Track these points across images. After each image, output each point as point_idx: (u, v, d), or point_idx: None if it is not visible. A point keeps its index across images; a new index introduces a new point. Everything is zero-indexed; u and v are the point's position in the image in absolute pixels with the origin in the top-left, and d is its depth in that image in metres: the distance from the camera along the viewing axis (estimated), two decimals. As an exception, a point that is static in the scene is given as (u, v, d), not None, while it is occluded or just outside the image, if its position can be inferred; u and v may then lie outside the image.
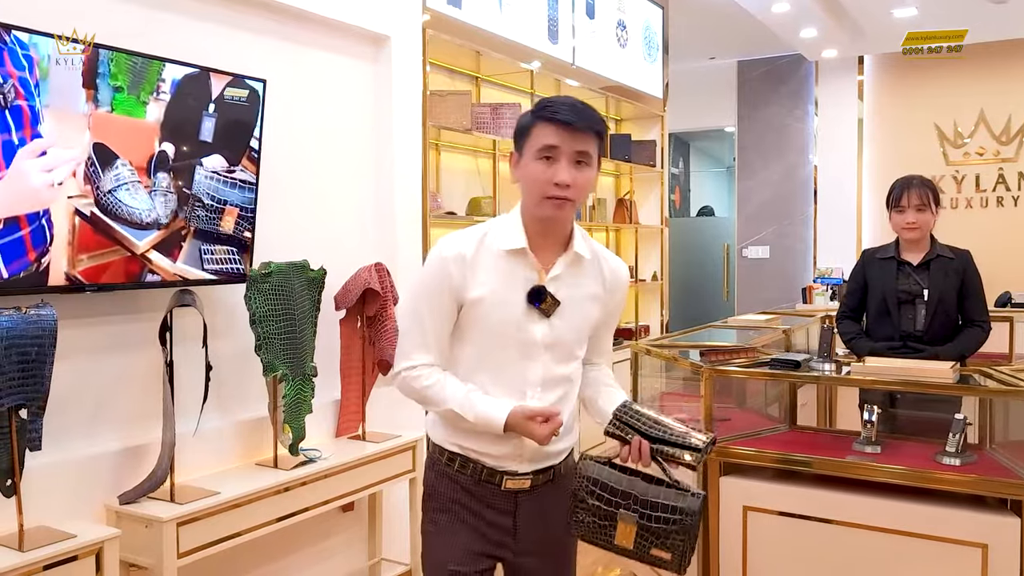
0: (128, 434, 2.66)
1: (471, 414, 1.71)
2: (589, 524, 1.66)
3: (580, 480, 1.68)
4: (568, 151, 1.66)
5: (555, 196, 1.66)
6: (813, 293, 6.55)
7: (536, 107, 1.73)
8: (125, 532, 2.41)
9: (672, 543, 1.61)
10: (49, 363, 2.17)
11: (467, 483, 1.79)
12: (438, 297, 1.72)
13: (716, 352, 3.17)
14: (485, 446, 1.76)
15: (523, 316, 1.71)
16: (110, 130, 2.33)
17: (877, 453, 2.70)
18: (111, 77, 2.31)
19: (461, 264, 1.70)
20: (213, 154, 2.66)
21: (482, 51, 4.49)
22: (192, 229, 2.62)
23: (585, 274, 1.79)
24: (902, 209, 3.27)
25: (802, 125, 8.39)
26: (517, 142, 1.74)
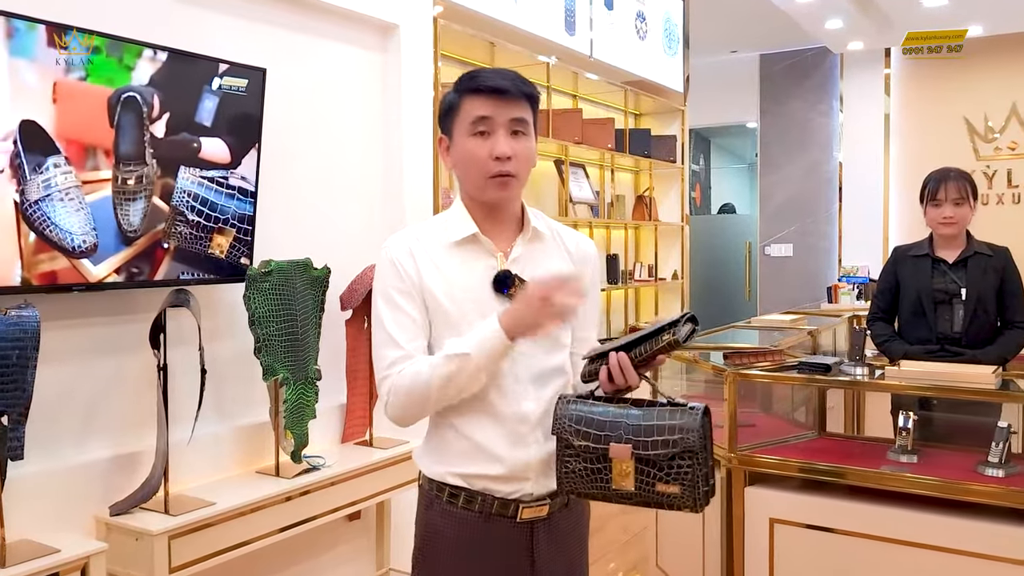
0: (120, 441, 2.55)
1: (467, 348, 1.46)
2: (580, 472, 1.45)
3: (560, 421, 1.47)
4: (503, 120, 1.51)
5: (498, 173, 1.51)
6: (839, 292, 6.35)
7: (460, 81, 1.56)
8: (115, 545, 2.30)
9: (679, 472, 1.39)
10: (32, 367, 2.05)
11: (475, 521, 1.55)
12: (405, 297, 1.53)
13: (740, 354, 3.02)
14: (492, 465, 1.53)
15: (493, 306, 1.51)
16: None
17: (913, 463, 2.55)
18: (81, 38, 2.06)
19: (413, 262, 1.54)
20: (207, 149, 2.51)
21: (496, 42, 4.36)
22: (172, 248, 2.36)
23: (548, 252, 1.61)
24: (938, 203, 3.10)
25: (827, 120, 8.19)
26: (444, 124, 1.59)
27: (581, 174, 5.48)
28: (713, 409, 3.06)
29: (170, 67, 2.39)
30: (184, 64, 2.46)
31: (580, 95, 5.68)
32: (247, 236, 2.69)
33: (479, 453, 1.54)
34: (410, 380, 1.49)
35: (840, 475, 2.56)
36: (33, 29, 2.03)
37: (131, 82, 2.25)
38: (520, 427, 1.54)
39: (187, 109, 2.44)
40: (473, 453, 1.54)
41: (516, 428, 1.54)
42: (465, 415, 1.54)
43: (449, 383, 1.47)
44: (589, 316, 1.68)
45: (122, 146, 2.22)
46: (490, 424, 1.53)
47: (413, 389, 1.48)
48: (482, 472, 1.54)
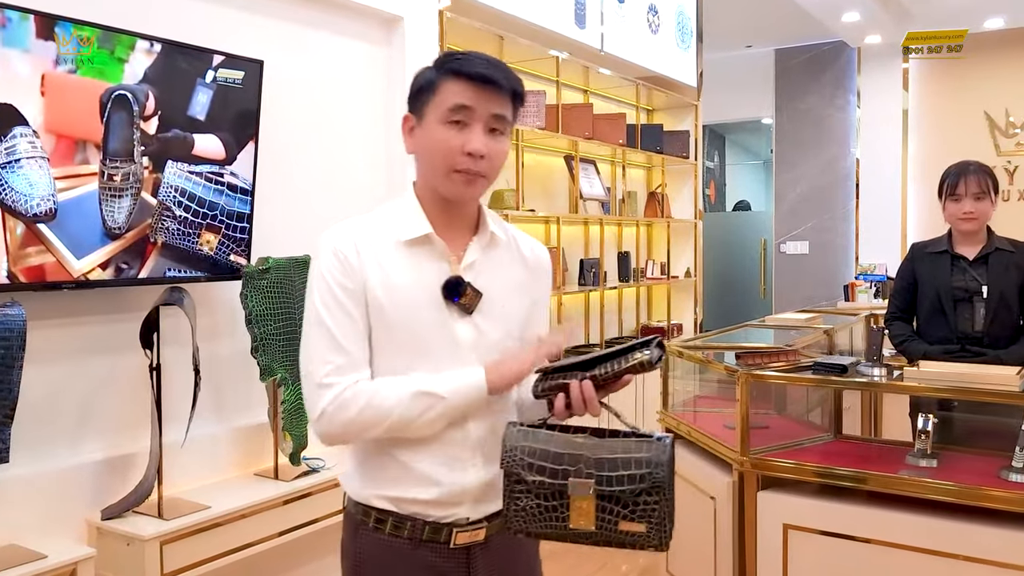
0: (113, 443, 2.50)
1: (443, 391, 1.34)
2: (532, 510, 1.28)
3: (511, 453, 1.30)
4: (484, 114, 1.36)
5: (466, 169, 1.36)
6: (856, 290, 6.23)
7: (442, 59, 1.40)
8: (106, 551, 2.25)
9: (645, 509, 1.25)
10: (18, 367, 1.99)
11: (404, 548, 1.39)
12: (348, 296, 1.37)
13: (753, 355, 2.93)
14: (426, 490, 1.39)
15: (441, 315, 1.38)
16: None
17: (933, 467, 2.46)
18: (75, 29, 1.99)
19: (358, 257, 1.37)
20: (201, 146, 2.44)
21: (505, 36, 4.28)
22: (159, 243, 2.28)
23: (503, 259, 1.48)
24: (958, 198, 3.00)
25: (843, 116, 8.07)
26: (415, 102, 1.41)
27: (592, 170, 5.40)
28: (725, 410, 3.00)
29: (164, 59, 2.33)
30: (178, 56, 2.40)
31: (591, 90, 5.60)
32: (242, 234, 2.62)
33: (413, 477, 1.39)
34: (365, 401, 1.33)
35: (857, 480, 2.47)
36: (26, 19, 1.97)
37: (124, 76, 2.19)
38: (459, 450, 1.40)
39: (180, 104, 2.38)
40: (407, 476, 1.39)
41: (455, 451, 1.40)
42: (400, 439, 1.39)
43: (411, 420, 1.34)
44: (538, 326, 1.54)
45: (111, 143, 2.16)
46: (426, 446, 1.39)
47: (367, 412, 1.33)
48: (414, 496, 1.39)
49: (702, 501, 2.93)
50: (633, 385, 4.66)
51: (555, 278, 4.76)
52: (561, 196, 5.27)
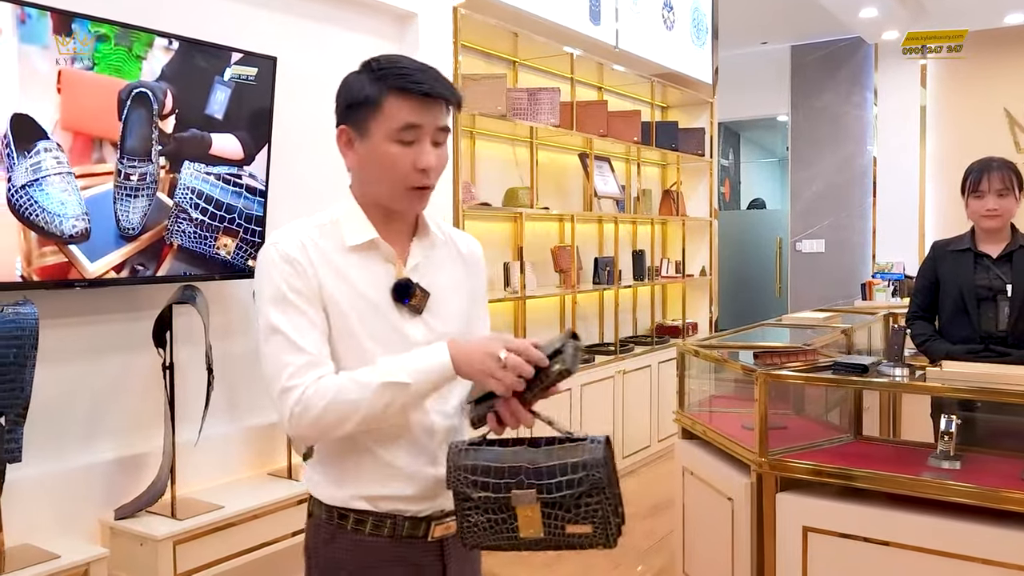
0: (126, 443, 2.49)
1: (407, 377, 1.32)
2: (483, 525, 1.31)
3: (455, 473, 1.32)
4: (431, 129, 1.37)
5: (420, 185, 1.38)
6: (873, 289, 6.16)
7: (380, 72, 1.37)
8: (119, 551, 2.24)
9: (588, 511, 1.29)
10: (30, 366, 1.99)
11: (385, 547, 1.40)
12: (303, 299, 1.35)
13: (771, 354, 2.89)
14: (405, 484, 1.40)
15: (392, 317, 1.40)
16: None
17: (956, 469, 2.41)
18: (91, 26, 1.97)
19: (309, 260, 1.36)
20: (219, 145, 2.41)
21: (519, 33, 4.26)
22: (175, 246, 2.23)
23: (443, 258, 1.51)
24: (981, 194, 2.95)
25: (860, 113, 7.99)
26: (354, 117, 1.39)
27: (606, 168, 5.36)
28: (743, 410, 2.96)
29: (181, 57, 2.31)
30: (195, 53, 2.38)
31: (605, 87, 5.56)
32: (257, 237, 2.60)
33: (393, 472, 1.40)
34: (331, 397, 1.31)
35: (878, 482, 2.42)
36: (44, 16, 1.96)
37: (142, 73, 2.16)
38: (428, 442, 1.42)
39: (198, 102, 2.36)
40: (385, 474, 1.40)
41: (425, 444, 1.42)
42: (375, 435, 1.40)
43: (378, 411, 1.32)
44: (479, 321, 1.57)
45: (128, 141, 2.14)
46: (398, 441, 1.40)
47: (333, 406, 1.30)
48: (395, 493, 1.40)
49: (719, 502, 2.89)
50: (647, 385, 4.62)
51: (570, 276, 4.73)
52: (575, 194, 5.24)
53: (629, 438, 5.09)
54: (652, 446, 5.36)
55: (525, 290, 4.32)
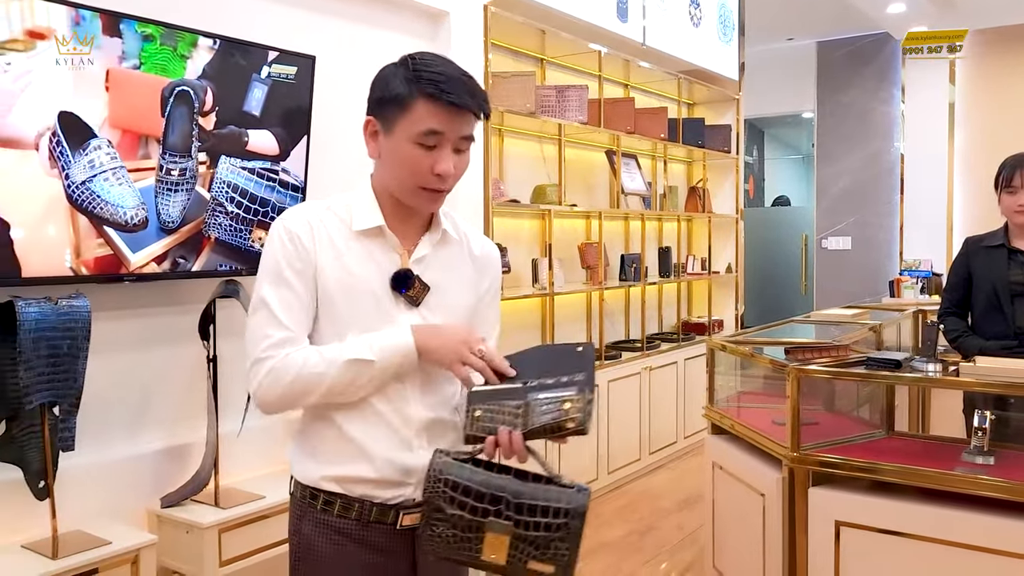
0: (171, 433, 2.55)
1: (372, 355, 1.35)
2: (448, 538, 1.32)
3: (435, 484, 1.32)
4: (453, 137, 1.39)
5: (434, 188, 1.40)
6: (901, 286, 6.13)
7: (415, 73, 1.38)
8: (166, 538, 2.30)
9: (555, 553, 1.30)
10: (83, 357, 2.05)
11: (352, 529, 1.43)
12: (296, 276, 1.39)
13: (803, 350, 2.89)
14: (369, 467, 1.41)
15: (388, 306, 1.41)
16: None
17: (990, 465, 2.41)
18: (137, 26, 2.03)
19: (312, 240, 1.40)
20: (256, 140, 2.46)
21: (547, 31, 4.28)
22: (212, 239, 2.29)
23: (454, 256, 1.52)
24: (1014, 190, 2.94)
25: (887, 109, 7.94)
26: (383, 111, 1.41)
27: (633, 165, 5.37)
28: (773, 406, 2.97)
29: (222, 56, 2.36)
30: (235, 52, 2.43)
31: (632, 84, 5.58)
32: None
33: (357, 453, 1.41)
34: (297, 369, 1.35)
35: (911, 476, 2.43)
36: (95, 17, 2.01)
37: (185, 72, 2.22)
38: (404, 430, 1.43)
39: (236, 99, 2.41)
40: (351, 453, 1.41)
41: (399, 431, 1.43)
42: (345, 410, 1.41)
43: (342, 386, 1.36)
44: (487, 322, 1.57)
45: (171, 137, 2.20)
46: (372, 423, 1.41)
47: (299, 379, 1.35)
48: (359, 475, 1.42)
49: (751, 498, 2.90)
50: (674, 381, 4.63)
51: (597, 273, 4.75)
52: (602, 191, 5.26)
53: (655, 434, 5.10)
54: (679, 442, 5.38)
55: (553, 287, 4.35)
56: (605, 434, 4.52)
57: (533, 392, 1.35)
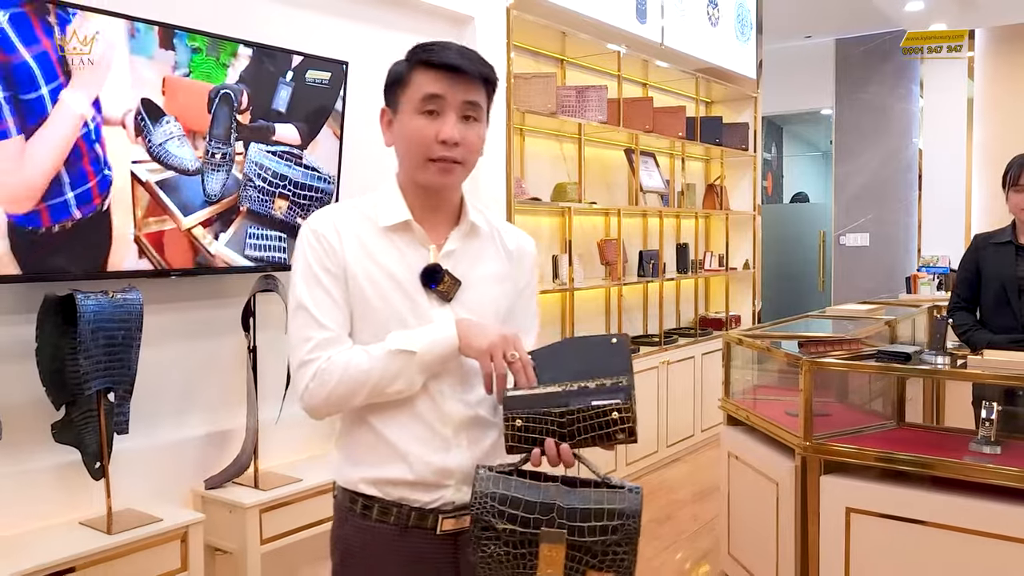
0: (214, 419, 2.69)
1: (415, 346, 1.34)
2: (500, 558, 1.26)
3: (481, 500, 1.26)
4: (455, 102, 1.37)
5: (441, 157, 1.38)
6: (918, 283, 6.18)
7: (412, 51, 1.41)
8: (210, 517, 2.43)
9: (614, 559, 1.24)
10: (136, 347, 2.19)
11: (391, 535, 1.39)
12: (328, 276, 1.38)
13: (816, 343, 2.98)
14: (406, 469, 1.38)
15: (419, 301, 1.39)
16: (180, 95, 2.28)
17: (997, 454, 2.49)
18: (188, 39, 2.27)
19: (339, 240, 1.39)
20: (281, 131, 2.61)
21: (567, 32, 4.39)
22: (245, 210, 2.49)
23: (485, 249, 1.49)
24: (1021, 188, 3.03)
25: (905, 106, 7.96)
26: (390, 96, 1.44)
27: (651, 163, 5.47)
28: (787, 398, 3.06)
29: (257, 62, 2.51)
30: (270, 58, 2.57)
31: (651, 83, 5.67)
32: (302, 200, 2.74)
33: (393, 454, 1.38)
34: (343, 369, 1.34)
35: (920, 465, 2.52)
36: (151, 31, 2.17)
37: (227, 78, 2.38)
38: (442, 429, 1.39)
39: (266, 99, 2.57)
40: (387, 454, 1.39)
41: (437, 430, 1.39)
42: (381, 412, 1.39)
43: (388, 381, 1.34)
44: (522, 321, 1.52)
45: (215, 130, 2.39)
46: (408, 423, 1.39)
47: (346, 379, 1.34)
48: (395, 476, 1.38)
49: (764, 486, 3.00)
50: (691, 375, 4.73)
51: (615, 269, 4.86)
52: (621, 189, 5.36)
53: (673, 427, 5.20)
54: (696, 435, 5.47)
55: (573, 282, 4.46)
56: (624, 426, 4.62)
57: (575, 398, 1.29)
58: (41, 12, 1.81)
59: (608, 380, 1.29)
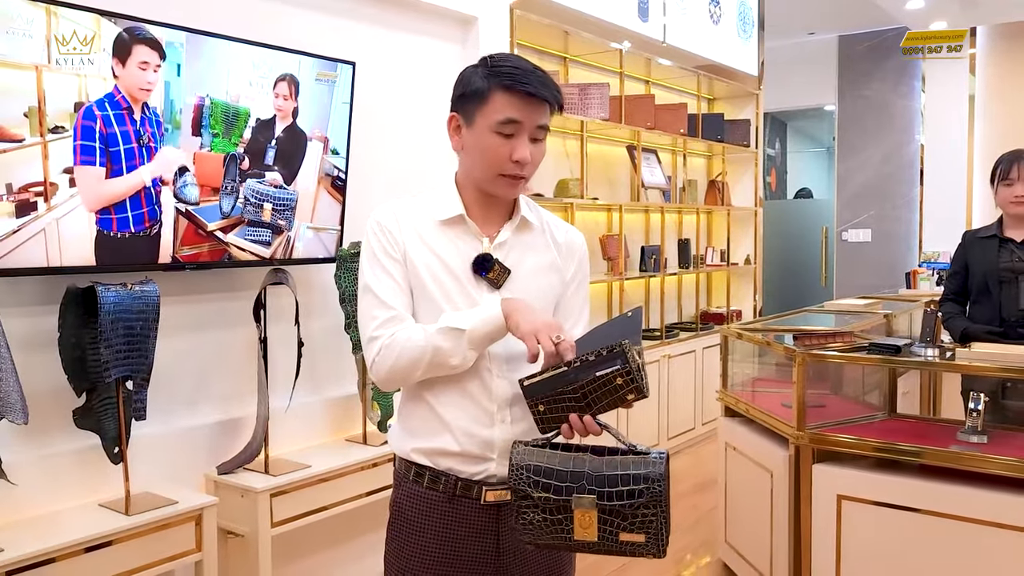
0: (226, 408, 2.78)
1: (465, 324, 1.45)
2: (540, 523, 1.38)
3: (517, 472, 1.39)
4: (530, 126, 1.47)
5: (513, 175, 1.49)
6: (918, 278, 6.24)
7: (492, 68, 1.48)
8: (223, 501, 2.52)
9: (643, 521, 1.35)
10: (153, 337, 2.28)
11: (440, 501, 1.53)
12: (392, 262, 1.51)
13: (811, 336, 3.06)
14: (451, 440, 1.51)
15: (470, 288, 1.52)
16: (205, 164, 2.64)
17: (984, 443, 2.55)
18: (211, 126, 2.61)
19: (400, 231, 1.53)
20: (270, 176, 2.81)
21: (570, 31, 4.46)
22: (245, 220, 2.78)
23: (535, 242, 1.60)
24: (1011, 182, 3.10)
25: (907, 102, 8.00)
26: (464, 106, 1.51)
27: (653, 159, 5.54)
28: (783, 390, 3.13)
29: (255, 134, 2.74)
30: (264, 128, 2.77)
31: (653, 80, 5.73)
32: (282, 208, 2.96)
33: (441, 426, 1.52)
34: (402, 344, 1.47)
35: (909, 453, 2.59)
36: (178, 128, 2.50)
37: (240, 142, 2.68)
38: (488, 405, 1.51)
39: (260, 152, 2.79)
40: (436, 426, 1.53)
41: (484, 406, 1.51)
42: (434, 388, 1.52)
43: (443, 356, 1.46)
44: (571, 310, 1.63)
45: (225, 179, 2.65)
46: (457, 399, 1.51)
47: (404, 353, 1.47)
48: (443, 447, 1.52)
49: (759, 475, 3.08)
50: (692, 370, 4.81)
51: (617, 264, 4.93)
52: (623, 185, 5.43)
53: (674, 420, 5.28)
54: (696, 428, 5.55)
55: (576, 276, 4.52)
56: (625, 419, 4.71)
57: (581, 372, 1.37)
58: (130, 112, 2.39)
59: (604, 349, 1.36)
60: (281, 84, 2.75)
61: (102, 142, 2.30)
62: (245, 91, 2.66)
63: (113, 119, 2.34)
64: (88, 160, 2.29)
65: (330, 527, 2.98)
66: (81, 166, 2.28)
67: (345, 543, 3.13)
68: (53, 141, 2.21)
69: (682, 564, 3.62)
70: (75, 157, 2.26)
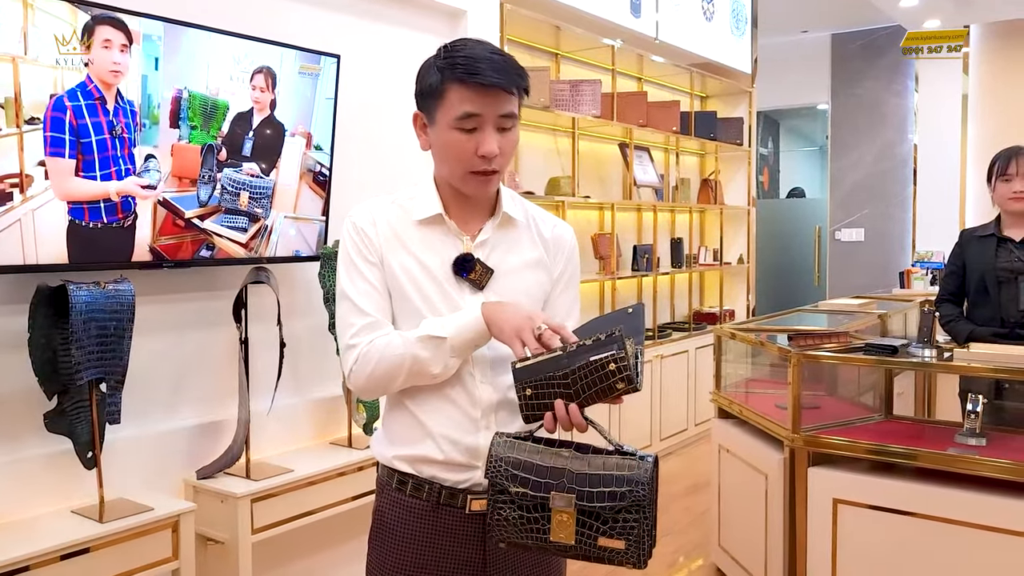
0: (205, 410, 2.71)
1: (445, 332, 1.39)
2: (514, 521, 1.29)
3: (495, 464, 1.31)
4: (492, 117, 1.39)
5: (482, 171, 1.41)
6: (911, 277, 6.21)
7: (443, 60, 1.40)
8: (201, 506, 2.45)
9: (624, 526, 1.26)
10: (127, 337, 2.20)
11: (424, 510, 1.46)
12: (368, 266, 1.45)
13: (806, 336, 3.01)
14: (435, 449, 1.44)
15: (451, 291, 1.44)
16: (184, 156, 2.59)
17: (982, 446, 2.51)
18: (189, 119, 2.56)
19: (376, 233, 1.46)
20: (247, 166, 2.77)
21: (562, 26, 4.40)
22: (222, 208, 2.74)
23: (520, 238, 1.52)
24: (1008, 178, 3.06)
25: (901, 101, 7.98)
26: (424, 104, 1.44)
27: (646, 157, 5.49)
28: (777, 391, 3.09)
29: (233, 126, 2.68)
30: (241, 120, 2.70)
31: (645, 78, 5.68)
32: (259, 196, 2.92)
33: (424, 434, 1.45)
34: (380, 353, 1.41)
35: (906, 456, 2.54)
36: (156, 123, 2.45)
37: (219, 132, 2.63)
38: (472, 411, 1.45)
39: (238, 143, 2.74)
40: (419, 434, 1.46)
41: (467, 412, 1.45)
42: (416, 395, 1.46)
43: (421, 365, 1.40)
44: (559, 309, 1.55)
45: (202, 170, 2.59)
46: (440, 406, 1.45)
47: (383, 363, 1.41)
48: (426, 455, 1.45)
49: (754, 478, 3.03)
50: (684, 370, 4.77)
51: (609, 263, 4.88)
52: (615, 183, 5.38)
53: (666, 421, 5.23)
54: (689, 429, 5.50)
55: (567, 275, 4.47)
56: (617, 420, 4.66)
57: (575, 357, 1.29)
58: (103, 103, 2.34)
59: (603, 334, 1.29)
60: (258, 76, 2.68)
61: (72, 133, 2.24)
62: (225, 85, 2.59)
63: (85, 110, 2.27)
64: (58, 152, 2.22)
65: (314, 533, 2.91)
66: (51, 157, 2.21)
67: (329, 549, 3.06)
68: (28, 132, 2.15)
69: (674, 567, 3.56)
70: (44, 148, 2.19)
